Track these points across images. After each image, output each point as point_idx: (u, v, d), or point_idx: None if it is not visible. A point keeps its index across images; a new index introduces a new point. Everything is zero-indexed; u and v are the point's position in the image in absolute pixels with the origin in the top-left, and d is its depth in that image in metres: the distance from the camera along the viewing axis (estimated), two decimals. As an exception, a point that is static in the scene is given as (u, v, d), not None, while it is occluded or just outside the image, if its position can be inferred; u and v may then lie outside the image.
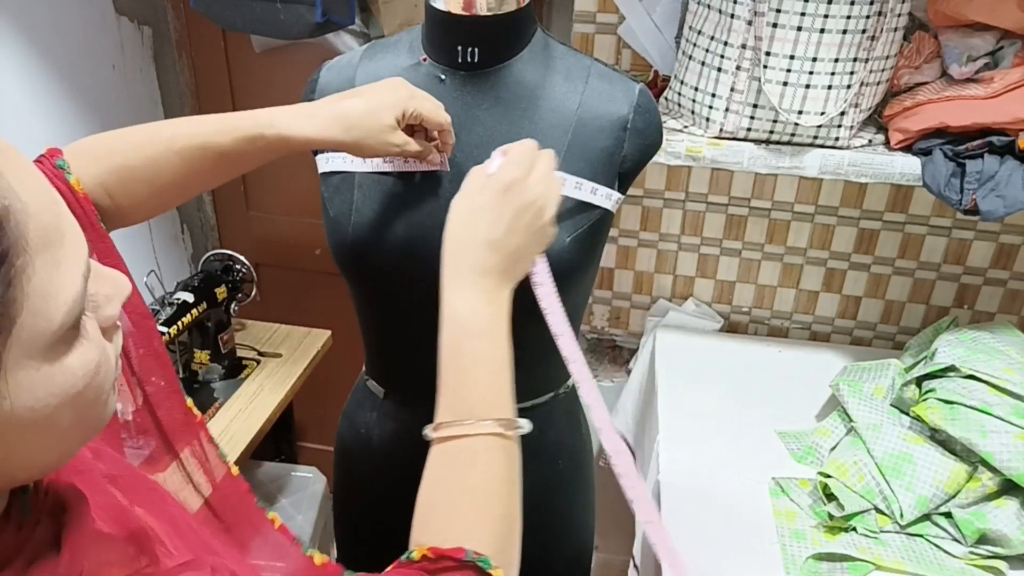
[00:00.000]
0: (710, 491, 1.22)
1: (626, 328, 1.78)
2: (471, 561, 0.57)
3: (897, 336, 1.67)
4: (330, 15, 1.52)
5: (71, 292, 0.39)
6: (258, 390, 1.67)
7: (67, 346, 0.40)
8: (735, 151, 1.28)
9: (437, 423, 0.65)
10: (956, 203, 1.21)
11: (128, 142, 0.75)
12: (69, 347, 0.41)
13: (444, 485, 0.63)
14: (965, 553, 1.11)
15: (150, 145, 0.75)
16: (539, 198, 0.69)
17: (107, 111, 1.78)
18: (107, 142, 0.75)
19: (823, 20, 1.15)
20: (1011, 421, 1.11)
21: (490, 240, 0.68)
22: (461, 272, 0.68)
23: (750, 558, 1.11)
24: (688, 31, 1.29)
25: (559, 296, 0.77)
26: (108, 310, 0.44)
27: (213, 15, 1.58)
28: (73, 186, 0.70)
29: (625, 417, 1.67)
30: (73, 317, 0.40)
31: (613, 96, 0.88)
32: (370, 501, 1.09)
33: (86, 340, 0.42)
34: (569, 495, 1.08)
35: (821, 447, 1.29)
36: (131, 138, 0.76)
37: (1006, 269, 1.57)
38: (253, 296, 1.75)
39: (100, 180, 0.73)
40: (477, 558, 0.58)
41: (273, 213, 2.10)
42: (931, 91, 1.25)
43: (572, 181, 0.85)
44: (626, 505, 0.75)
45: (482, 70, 0.87)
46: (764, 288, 1.68)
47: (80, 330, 0.41)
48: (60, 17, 1.62)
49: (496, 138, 0.87)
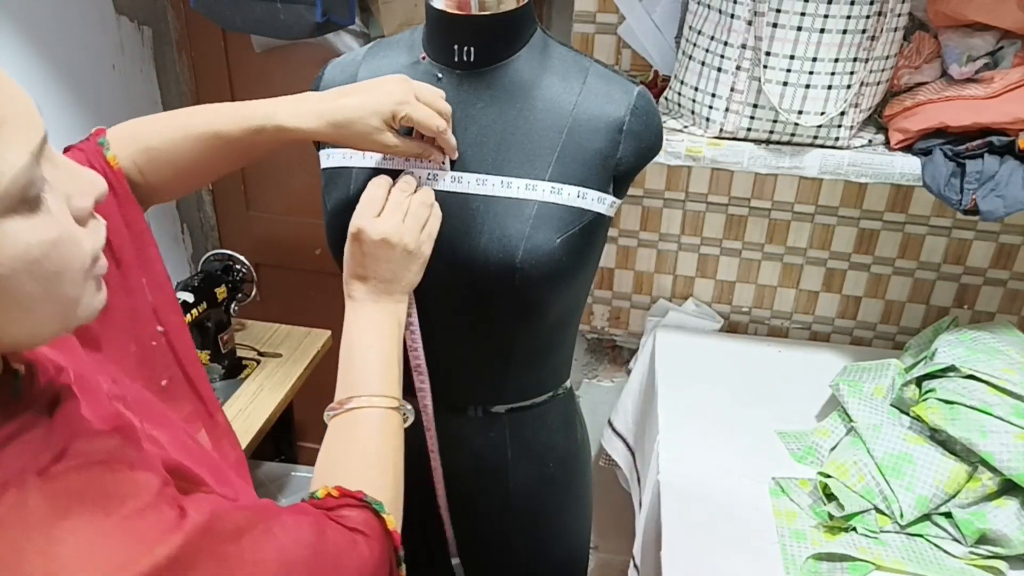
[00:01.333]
0: (710, 491, 1.22)
1: (626, 328, 1.78)
2: (369, 503, 0.68)
3: (897, 336, 1.67)
4: (330, 15, 1.52)
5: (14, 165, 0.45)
6: (258, 390, 1.67)
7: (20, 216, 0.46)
8: (735, 151, 1.28)
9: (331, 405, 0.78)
10: (956, 203, 1.21)
11: (156, 126, 0.82)
12: (23, 217, 0.46)
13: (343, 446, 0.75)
14: (965, 553, 1.11)
15: (172, 130, 0.81)
16: (389, 235, 0.80)
17: (107, 111, 1.78)
18: (140, 126, 0.83)
19: (823, 20, 1.15)
20: (1011, 421, 1.11)
21: (354, 274, 0.83)
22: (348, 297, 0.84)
23: (750, 558, 1.11)
24: (688, 31, 1.29)
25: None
26: (79, 202, 0.51)
27: (213, 15, 1.58)
28: (110, 161, 0.78)
29: (625, 417, 1.67)
30: (18, 187, 0.46)
31: (610, 97, 0.88)
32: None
33: (46, 215, 0.48)
34: (561, 498, 1.07)
35: (821, 447, 1.29)
36: (159, 123, 0.82)
37: (1006, 269, 1.57)
38: (253, 296, 1.75)
39: (133, 159, 0.80)
40: (374, 502, 0.69)
41: (273, 213, 2.10)
42: (931, 91, 1.25)
43: (547, 187, 0.85)
44: (625, 505, 0.75)
45: (478, 69, 0.87)
46: (764, 288, 1.68)
47: (40, 206, 0.48)
48: (60, 17, 1.62)
49: (491, 137, 0.87)
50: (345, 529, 0.65)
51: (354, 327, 0.82)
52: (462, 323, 0.92)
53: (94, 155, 0.78)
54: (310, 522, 0.63)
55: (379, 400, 0.77)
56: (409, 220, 0.82)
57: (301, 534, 0.61)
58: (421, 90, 0.82)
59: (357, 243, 0.82)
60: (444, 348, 0.94)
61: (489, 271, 0.85)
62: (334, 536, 0.64)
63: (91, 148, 0.78)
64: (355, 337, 0.82)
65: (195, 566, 0.52)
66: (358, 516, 0.67)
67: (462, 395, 0.99)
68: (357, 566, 0.64)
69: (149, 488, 0.53)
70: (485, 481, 1.02)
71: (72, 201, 0.51)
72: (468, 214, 0.86)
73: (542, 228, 0.85)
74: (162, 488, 0.54)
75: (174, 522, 0.53)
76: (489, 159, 0.87)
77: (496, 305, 0.89)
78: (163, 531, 0.51)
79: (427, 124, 0.81)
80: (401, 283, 0.84)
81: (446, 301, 0.90)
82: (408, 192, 0.84)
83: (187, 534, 0.52)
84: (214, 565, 0.54)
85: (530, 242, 0.84)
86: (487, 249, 0.85)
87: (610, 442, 1.69)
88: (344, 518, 0.66)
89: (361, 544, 0.66)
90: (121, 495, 0.51)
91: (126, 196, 0.78)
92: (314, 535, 0.62)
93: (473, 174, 0.86)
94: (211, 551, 0.54)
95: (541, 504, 1.05)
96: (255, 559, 0.57)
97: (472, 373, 0.97)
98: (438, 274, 0.88)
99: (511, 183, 0.85)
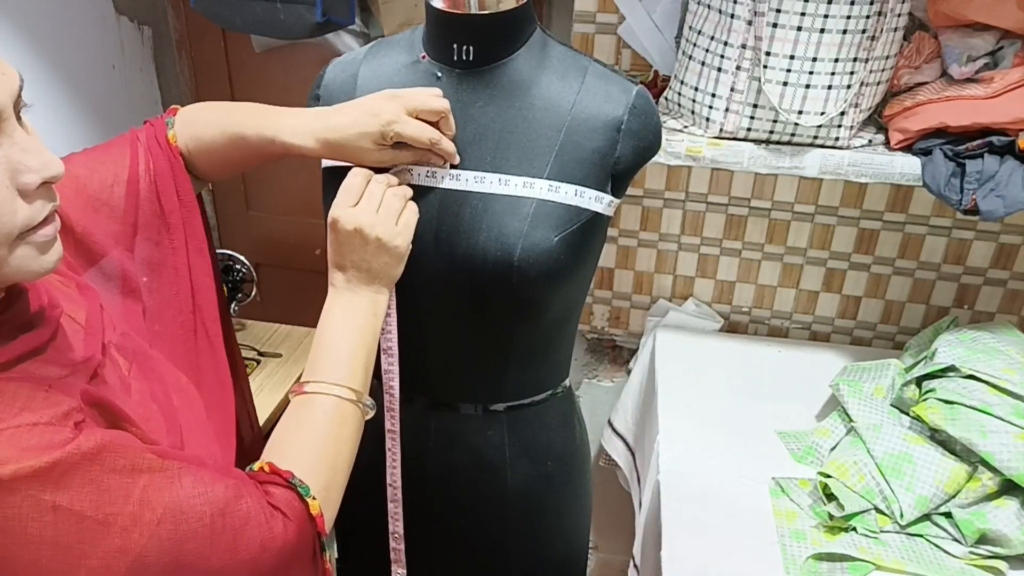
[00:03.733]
0: (710, 491, 1.22)
1: (626, 328, 1.78)
2: (294, 485, 0.71)
3: (897, 336, 1.67)
4: (330, 15, 1.52)
5: None
6: (258, 390, 1.67)
7: None
8: (735, 151, 1.28)
9: (293, 385, 0.81)
10: (956, 203, 1.21)
11: (209, 117, 0.89)
12: None
13: (292, 427, 0.78)
14: (965, 553, 1.11)
15: (215, 125, 0.88)
16: (363, 225, 0.82)
17: (107, 111, 1.78)
18: (197, 115, 0.90)
19: (823, 20, 1.15)
20: (1011, 421, 1.11)
21: (335, 263, 0.85)
22: (330, 284, 0.86)
23: (750, 558, 1.11)
24: (688, 31, 1.29)
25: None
26: (24, 177, 0.57)
27: (213, 15, 1.58)
28: (169, 139, 0.87)
29: (625, 417, 1.67)
30: None
31: (609, 97, 0.88)
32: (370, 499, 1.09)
33: None
34: (559, 497, 1.07)
35: (821, 447, 1.29)
36: (212, 114, 0.90)
37: (1006, 269, 1.57)
38: (253, 296, 1.75)
39: (184, 143, 0.88)
40: (300, 484, 0.71)
41: (273, 213, 2.10)
42: (931, 91, 1.25)
43: (545, 185, 0.85)
44: (625, 505, 0.76)
45: (478, 68, 0.88)
46: (764, 288, 1.68)
47: None
48: (60, 17, 1.62)
49: (489, 135, 0.87)
50: (266, 504, 0.67)
51: (329, 314, 0.84)
52: (460, 321, 0.92)
53: (160, 130, 0.88)
54: (228, 485, 0.65)
55: (337, 389, 0.79)
56: (383, 211, 0.83)
57: (212, 492, 0.63)
58: (412, 101, 0.83)
59: (334, 232, 0.83)
60: (442, 345, 0.94)
61: (487, 269, 0.85)
62: (249, 505, 0.66)
63: (159, 124, 0.88)
64: (328, 324, 0.84)
65: (62, 484, 0.56)
66: (281, 495, 0.69)
67: (460, 393, 0.99)
68: (262, 540, 0.66)
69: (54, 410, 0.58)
70: (483, 479, 1.02)
71: (19, 176, 0.57)
72: (466, 212, 0.87)
73: (540, 226, 0.85)
74: (69, 412, 0.59)
75: (60, 442, 0.56)
76: (487, 157, 0.87)
77: (494, 303, 0.89)
78: (44, 447, 0.55)
79: (419, 139, 0.83)
80: (378, 274, 0.84)
81: (444, 299, 0.90)
82: (385, 184, 0.85)
83: (66, 454, 0.56)
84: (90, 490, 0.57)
85: (528, 240, 0.84)
86: (485, 247, 0.85)
87: (610, 442, 1.69)
88: (269, 494, 0.69)
89: (277, 522, 0.67)
90: (21, 408, 0.57)
91: (180, 170, 0.87)
92: (226, 497, 0.64)
93: (471, 172, 0.87)
94: (90, 477, 0.57)
95: (539, 503, 1.05)
96: (142, 498, 0.59)
97: (471, 371, 0.97)
98: (436, 272, 0.88)
99: (509, 181, 0.86)
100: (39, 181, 0.58)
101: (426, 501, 1.03)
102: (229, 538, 0.63)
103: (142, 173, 0.84)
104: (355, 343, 0.83)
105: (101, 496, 0.57)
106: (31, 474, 0.54)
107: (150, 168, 0.84)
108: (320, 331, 0.84)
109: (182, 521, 0.61)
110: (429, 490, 1.03)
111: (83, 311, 0.70)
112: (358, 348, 0.83)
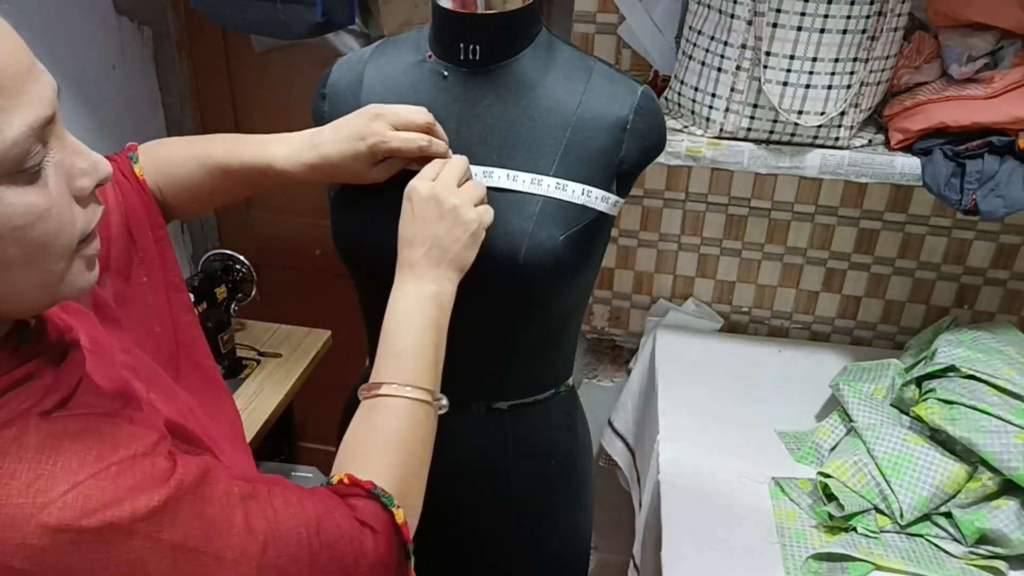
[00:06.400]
0: (710, 491, 1.23)
1: (626, 328, 1.78)
2: (377, 495, 0.69)
3: (897, 336, 1.67)
4: (330, 15, 1.52)
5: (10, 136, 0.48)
6: (258, 390, 1.67)
7: (16, 186, 0.49)
8: (735, 151, 1.28)
9: (364, 386, 0.78)
10: (956, 203, 1.21)
11: (176, 153, 0.87)
12: (17, 186, 0.49)
13: (364, 433, 0.75)
14: (965, 553, 1.11)
15: (188, 160, 0.86)
16: (439, 192, 0.80)
17: (107, 111, 1.78)
18: (163, 149, 0.88)
19: (823, 20, 1.15)
20: (1011, 421, 1.11)
21: (405, 238, 0.82)
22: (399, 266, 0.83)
23: (750, 558, 1.11)
24: (688, 31, 1.29)
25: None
26: (80, 182, 0.54)
27: (213, 15, 1.58)
28: (136, 173, 0.84)
29: (625, 417, 1.67)
30: (12, 157, 0.48)
31: (615, 97, 0.88)
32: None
33: (41, 188, 0.51)
34: (561, 496, 1.07)
35: (821, 447, 1.29)
36: (180, 150, 0.87)
37: (1006, 269, 1.57)
38: (253, 296, 1.74)
39: (154, 179, 0.86)
40: (383, 494, 0.69)
41: (273, 213, 2.10)
42: (931, 91, 1.25)
43: (552, 182, 0.86)
44: (625, 505, 0.76)
45: (484, 67, 0.88)
46: (764, 288, 1.68)
47: (36, 178, 0.51)
48: (60, 17, 1.62)
49: (495, 134, 0.88)
50: (353, 519, 0.66)
51: (393, 309, 0.81)
52: (465, 318, 0.92)
53: (123, 165, 0.84)
54: (315, 501, 0.64)
55: (408, 390, 0.76)
56: (464, 187, 0.82)
57: (303, 512, 0.62)
58: (396, 119, 0.83)
59: (409, 201, 0.82)
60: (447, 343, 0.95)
61: (492, 267, 0.86)
62: (339, 521, 0.64)
63: (121, 159, 0.85)
64: (392, 319, 0.80)
65: (176, 521, 0.54)
66: (366, 507, 0.67)
67: (464, 391, 0.99)
68: (355, 555, 0.64)
69: (145, 441, 0.56)
70: (486, 477, 1.02)
71: (74, 181, 0.54)
72: None
73: (546, 225, 0.85)
74: (159, 442, 0.57)
75: (163, 475, 0.55)
76: (494, 156, 0.87)
77: (499, 301, 0.89)
78: (150, 483, 0.54)
79: (408, 150, 0.83)
80: (448, 252, 0.81)
81: None
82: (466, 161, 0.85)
83: (173, 489, 0.54)
84: (198, 524, 0.56)
85: (533, 239, 0.84)
86: (491, 245, 0.85)
87: (610, 442, 1.69)
88: (354, 508, 0.67)
89: (367, 537, 0.66)
90: (115, 444, 0.54)
91: (151, 204, 0.84)
92: (317, 515, 0.63)
93: (479, 167, 0.87)
94: (196, 510, 0.56)
95: (542, 501, 1.05)
96: (244, 527, 0.58)
97: (475, 369, 0.97)
98: None
99: (516, 176, 0.86)
100: (93, 185, 0.55)
101: (429, 498, 1.03)
102: (326, 557, 0.62)
103: (112, 206, 0.79)
104: (420, 340, 0.79)
105: (208, 530, 0.56)
106: (147, 514, 0.53)
107: (120, 202, 0.80)
108: (385, 328, 0.80)
109: (283, 546, 0.60)
110: (432, 487, 1.03)
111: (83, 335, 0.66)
112: (425, 345, 0.79)
